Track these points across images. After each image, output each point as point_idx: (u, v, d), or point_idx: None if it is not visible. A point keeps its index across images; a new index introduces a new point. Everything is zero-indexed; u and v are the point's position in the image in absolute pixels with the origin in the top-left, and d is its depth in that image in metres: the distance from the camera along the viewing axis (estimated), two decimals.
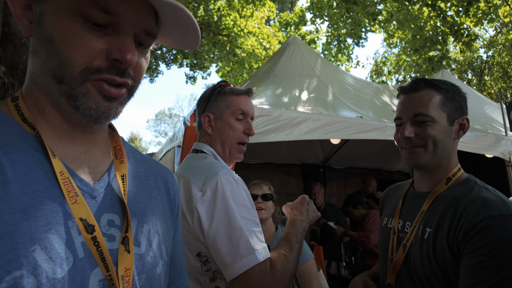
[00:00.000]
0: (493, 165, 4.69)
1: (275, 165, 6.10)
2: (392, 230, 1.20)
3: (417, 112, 1.10)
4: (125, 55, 0.55)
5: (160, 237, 0.68)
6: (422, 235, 1.08)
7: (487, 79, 14.56)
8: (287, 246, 1.09)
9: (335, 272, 3.91)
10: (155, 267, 0.65)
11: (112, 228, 0.59)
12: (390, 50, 15.06)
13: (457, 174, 1.13)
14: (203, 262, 1.10)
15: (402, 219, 1.20)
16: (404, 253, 1.11)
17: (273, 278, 0.99)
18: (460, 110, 1.14)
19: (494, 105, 6.04)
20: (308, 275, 1.84)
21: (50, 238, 0.49)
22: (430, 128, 1.08)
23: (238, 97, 1.30)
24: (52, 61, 0.53)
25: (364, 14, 7.97)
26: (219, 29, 9.24)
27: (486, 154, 3.95)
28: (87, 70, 0.54)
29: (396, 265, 1.13)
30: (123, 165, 0.66)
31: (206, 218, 1.05)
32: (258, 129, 2.85)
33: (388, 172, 6.76)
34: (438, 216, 1.06)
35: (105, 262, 0.55)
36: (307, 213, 1.25)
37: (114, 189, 0.62)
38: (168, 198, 0.75)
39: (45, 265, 0.47)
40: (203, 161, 1.21)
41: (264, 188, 2.05)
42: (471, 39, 7.54)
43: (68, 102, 0.55)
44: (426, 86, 1.12)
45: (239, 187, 1.10)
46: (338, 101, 4.15)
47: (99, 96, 0.56)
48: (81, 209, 0.54)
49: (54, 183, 0.53)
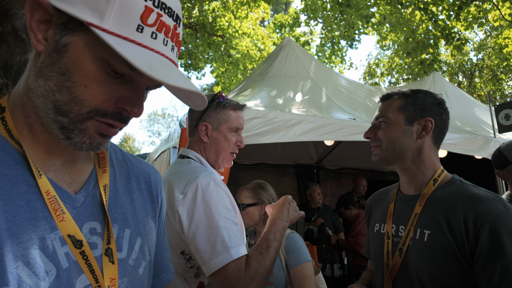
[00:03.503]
0: (482, 166, 4.79)
1: (269, 166, 6.12)
2: (386, 235, 1.21)
3: (377, 115, 1.27)
4: (134, 109, 0.57)
5: (142, 239, 0.70)
6: (421, 237, 1.09)
7: (477, 81, 14.82)
8: (265, 245, 1.15)
9: (329, 274, 3.97)
10: (137, 269, 0.68)
11: (94, 236, 0.61)
12: (383, 52, 15.25)
13: (442, 175, 1.19)
14: (187, 259, 1.18)
15: (395, 223, 1.21)
16: (401, 257, 1.12)
17: (247, 274, 1.05)
18: (422, 112, 1.21)
19: (483, 107, 6.15)
20: (301, 277, 1.81)
21: (32, 254, 0.51)
22: (385, 129, 1.22)
23: (235, 112, 1.40)
24: (62, 94, 0.54)
25: (357, 17, 8.06)
26: (214, 30, 9.24)
27: (475, 156, 4.02)
28: (95, 111, 0.55)
29: (393, 270, 1.13)
30: (105, 175, 0.67)
31: (186, 218, 1.12)
32: (254, 131, 2.88)
33: (380, 173, 6.84)
34: (435, 217, 1.08)
35: (94, 274, 0.58)
36: (287, 212, 1.30)
37: (95, 197, 0.64)
38: (150, 198, 0.76)
39: (28, 280, 0.50)
40: (187, 165, 1.28)
41: (241, 196, 2.03)
42: (462, 43, 7.68)
43: (61, 131, 0.56)
44: (397, 96, 1.25)
45: (218, 189, 1.17)
46: (331, 103, 4.20)
47: (95, 133, 0.57)
48: (69, 226, 0.56)
49: (36, 197, 0.54)
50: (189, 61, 10.38)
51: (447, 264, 1.01)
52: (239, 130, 1.42)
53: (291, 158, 6.26)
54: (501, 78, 13.97)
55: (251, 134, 2.85)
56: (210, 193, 1.14)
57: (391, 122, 1.21)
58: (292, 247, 1.90)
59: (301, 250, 1.90)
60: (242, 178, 5.56)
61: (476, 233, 0.98)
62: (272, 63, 4.80)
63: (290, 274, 1.86)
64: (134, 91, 0.58)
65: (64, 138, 0.56)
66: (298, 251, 1.89)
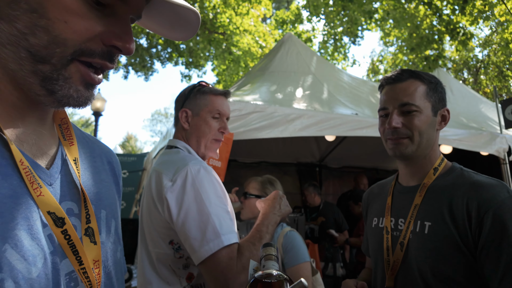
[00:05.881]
0: (488, 162, 4.69)
1: (271, 164, 6.06)
2: (385, 230, 1.15)
3: (403, 101, 1.09)
4: (127, 45, 0.51)
5: (116, 221, 0.65)
6: (421, 229, 1.03)
7: (482, 78, 14.62)
8: (257, 236, 1.13)
9: (331, 273, 3.90)
10: (116, 252, 0.63)
11: (72, 217, 0.54)
12: (387, 49, 15.10)
13: (442, 164, 1.13)
14: (176, 249, 1.15)
15: (394, 216, 1.15)
16: (402, 251, 1.06)
17: (240, 263, 1.03)
18: (442, 101, 1.14)
19: (489, 103, 6.05)
20: (297, 278, 1.77)
21: (18, 235, 0.44)
22: (417, 119, 1.08)
23: (216, 97, 1.37)
24: (37, 36, 0.45)
25: (360, 12, 7.95)
26: (215, 27, 9.18)
27: (481, 152, 3.94)
28: (80, 51, 0.48)
29: (394, 266, 1.07)
30: (73, 148, 0.59)
31: (175, 206, 1.09)
32: (252, 125, 2.80)
33: (384, 171, 6.74)
34: (436, 207, 1.03)
35: (77, 255, 0.51)
36: (279, 207, 1.30)
37: (68, 174, 0.56)
38: (114, 180, 0.70)
39: (19, 266, 0.43)
40: (176, 155, 1.27)
41: (249, 186, 2.03)
42: (467, 38, 7.55)
43: (41, 84, 0.47)
44: (410, 76, 1.12)
45: (209, 176, 1.15)
46: (333, 99, 4.11)
47: (81, 84, 0.50)
48: (48, 202, 0.49)
49: (12, 170, 0.47)
50: (190, 59, 10.34)
51: (449, 256, 0.96)
52: (223, 116, 1.37)
53: (293, 157, 6.19)
54: (507, 75, 13.76)
55: (250, 128, 2.78)
56: (200, 180, 1.11)
57: (421, 111, 1.08)
58: (290, 246, 1.86)
59: (299, 249, 1.85)
60: (243, 176, 5.48)
61: (479, 221, 0.93)
62: (272, 59, 4.73)
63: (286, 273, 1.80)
64: (120, 24, 0.51)
65: (45, 93, 0.48)
66: (296, 250, 1.85)
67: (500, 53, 12.77)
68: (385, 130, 1.14)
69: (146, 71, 10.70)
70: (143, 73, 10.78)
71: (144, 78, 11.00)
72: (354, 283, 1.17)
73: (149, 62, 10.59)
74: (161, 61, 10.71)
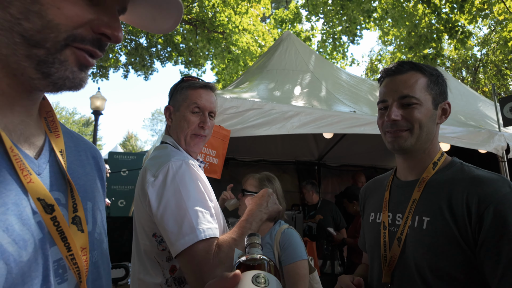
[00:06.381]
0: (487, 160, 4.69)
1: (270, 163, 6.06)
2: (382, 225, 1.13)
3: (403, 93, 1.07)
4: (115, 32, 0.54)
5: (101, 213, 0.67)
6: (419, 225, 1.02)
7: (481, 77, 14.63)
8: (239, 232, 1.15)
9: (329, 271, 3.90)
10: (102, 244, 0.65)
11: (60, 206, 0.55)
12: (385, 48, 15.10)
13: (442, 159, 1.11)
14: (159, 242, 1.18)
15: (392, 211, 1.13)
16: (399, 247, 1.04)
17: (217, 257, 1.04)
18: (443, 94, 1.12)
19: (487, 102, 6.05)
20: (294, 275, 1.76)
21: (9, 220, 0.46)
22: (417, 111, 1.05)
23: (194, 90, 1.37)
24: (30, 21, 0.47)
25: (359, 11, 7.95)
26: (214, 25, 9.18)
27: (480, 150, 3.94)
28: (72, 37, 0.50)
29: (392, 262, 1.06)
30: (59, 140, 0.61)
31: (155, 200, 1.12)
32: (250, 123, 2.80)
33: (382, 170, 6.75)
34: (434, 202, 1.01)
35: (66, 242, 0.53)
36: (266, 204, 1.30)
37: (55, 165, 0.58)
38: (99, 175, 0.72)
39: (11, 248, 0.45)
40: (164, 150, 1.30)
41: (247, 182, 2.00)
42: (466, 36, 7.55)
43: (36, 67, 0.49)
44: (410, 68, 1.09)
45: (190, 171, 1.17)
46: (331, 96, 4.12)
47: (75, 66, 0.52)
48: (38, 188, 0.51)
49: (1, 158, 0.48)
50: (190, 58, 10.34)
51: (448, 252, 0.94)
52: (204, 110, 1.36)
53: (291, 155, 6.19)
54: (505, 73, 13.77)
55: (247, 126, 2.78)
56: (181, 175, 1.14)
57: (421, 104, 1.06)
58: (287, 244, 1.85)
59: (297, 247, 1.84)
60: (242, 174, 5.46)
61: (479, 216, 0.90)
62: (271, 57, 4.73)
63: (283, 271, 1.80)
64: (108, 13, 0.54)
65: (40, 76, 0.49)
66: (293, 248, 1.84)
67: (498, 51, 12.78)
68: (384, 123, 1.12)
69: (146, 70, 10.69)
70: (143, 72, 10.77)
71: (144, 77, 10.99)
72: (350, 278, 1.16)
73: (149, 62, 10.59)
74: (160, 60, 10.70)
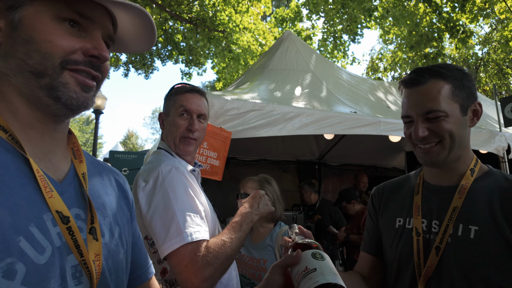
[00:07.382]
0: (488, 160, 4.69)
1: (270, 162, 6.06)
2: (415, 231, 1.06)
3: (427, 108, 1.00)
4: (102, 52, 0.64)
5: (120, 228, 0.76)
6: (465, 234, 0.97)
7: (482, 76, 14.60)
8: (229, 233, 1.18)
9: None
10: (118, 254, 0.73)
11: (79, 221, 0.65)
12: (386, 47, 15.06)
13: (478, 165, 1.07)
14: (150, 244, 1.22)
15: (425, 217, 1.07)
16: (438, 256, 0.99)
17: (205, 258, 1.07)
18: (472, 96, 1.04)
19: (488, 101, 6.04)
20: None
21: (31, 230, 0.55)
22: (445, 123, 0.99)
23: (182, 95, 1.41)
24: (32, 58, 0.59)
25: (360, 10, 7.93)
26: (214, 24, 9.15)
27: (481, 150, 3.93)
28: (66, 61, 0.61)
29: (428, 271, 1.00)
30: (82, 164, 0.73)
31: (146, 204, 1.17)
32: (251, 124, 2.81)
33: (383, 169, 6.75)
34: (483, 210, 0.97)
35: (79, 249, 0.61)
36: (257, 206, 1.33)
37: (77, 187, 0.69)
38: (123, 194, 0.83)
39: (30, 253, 0.54)
40: (157, 156, 1.34)
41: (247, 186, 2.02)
42: (467, 36, 7.54)
43: (48, 95, 0.60)
44: (431, 77, 1.01)
45: (179, 175, 1.21)
46: (332, 97, 4.11)
47: (77, 87, 0.63)
48: (57, 203, 0.60)
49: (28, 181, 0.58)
50: (190, 57, 10.32)
51: (501, 263, 0.91)
52: (192, 113, 1.39)
53: (292, 154, 6.19)
54: (507, 73, 13.74)
55: (248, 127, 2.78)
56: (170, 179, 1.18)
57: (448, 115, 0.99)
58: None
59: None
60: (243, 174, 5.49)
61: None
62: (272, 57, 4.72)
63: None
64: (94, 40, 0.65)
65: (53, 102, 0.61)
66: None
67: (500, 50, 12.74)
68: (412, 138, 1.06)
69: (147, 69, 10.68)
70: (144, 71, 10.76)
71: (145, 76, 10.99)
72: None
73: (149, 60, 10.57)
74: (161, 59, 10.69)
